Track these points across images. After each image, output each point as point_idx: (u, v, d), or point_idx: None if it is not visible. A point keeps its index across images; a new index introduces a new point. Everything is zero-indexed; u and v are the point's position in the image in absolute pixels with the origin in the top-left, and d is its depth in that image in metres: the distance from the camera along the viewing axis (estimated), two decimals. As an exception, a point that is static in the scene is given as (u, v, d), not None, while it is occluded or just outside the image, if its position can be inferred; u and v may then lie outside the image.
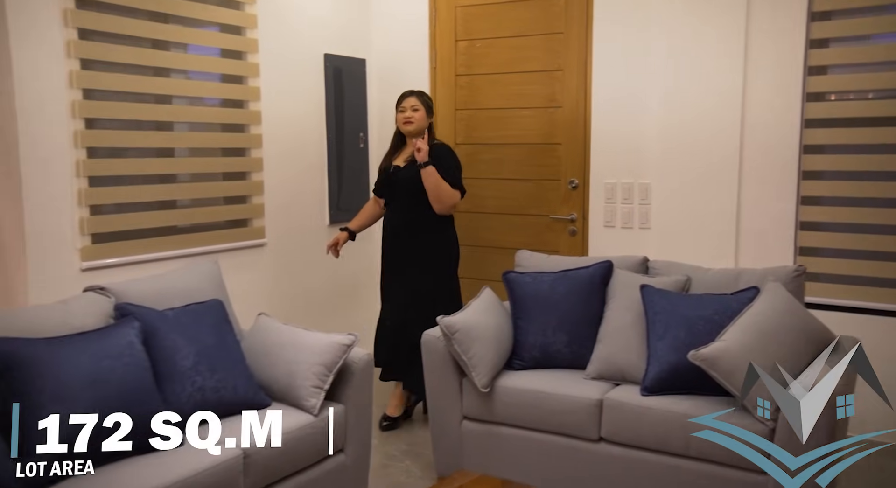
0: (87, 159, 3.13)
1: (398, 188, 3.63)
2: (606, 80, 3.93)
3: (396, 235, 3.68)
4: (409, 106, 3.62)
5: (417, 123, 3.61)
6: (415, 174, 3.53)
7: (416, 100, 3.63)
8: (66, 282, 3.03)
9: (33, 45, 2.90)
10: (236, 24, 3.76)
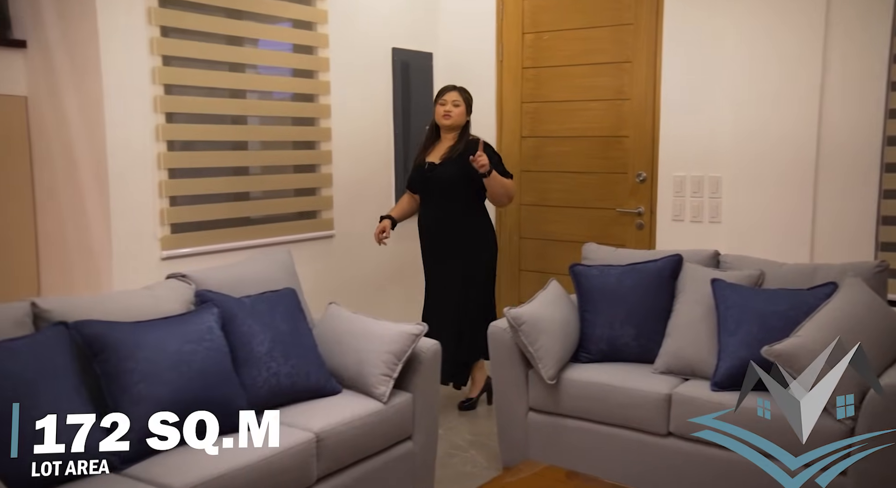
0: (168, 152, 3.25)
1: (433, 185, 3.61)
2: (677, 72, 3.86)
3: (432, 233, 3.67)
4: (450, 100, 3.59)
5: (455, 119, 3.59)
6: (451, 172, 3.53)
7: (457, 95, 3.61)
8: (147, 270, 3.16)
9: (120, 43, 3.03)
10: (308, 20, 3.84)
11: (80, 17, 2.98)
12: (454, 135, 3.64)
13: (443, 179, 3.57)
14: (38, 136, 3.18)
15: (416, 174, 3.69)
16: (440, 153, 3.62)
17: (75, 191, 3.12)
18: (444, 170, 3.56)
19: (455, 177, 3.53)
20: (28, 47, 3.13)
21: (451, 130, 3.62)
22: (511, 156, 4.47)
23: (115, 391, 2.14)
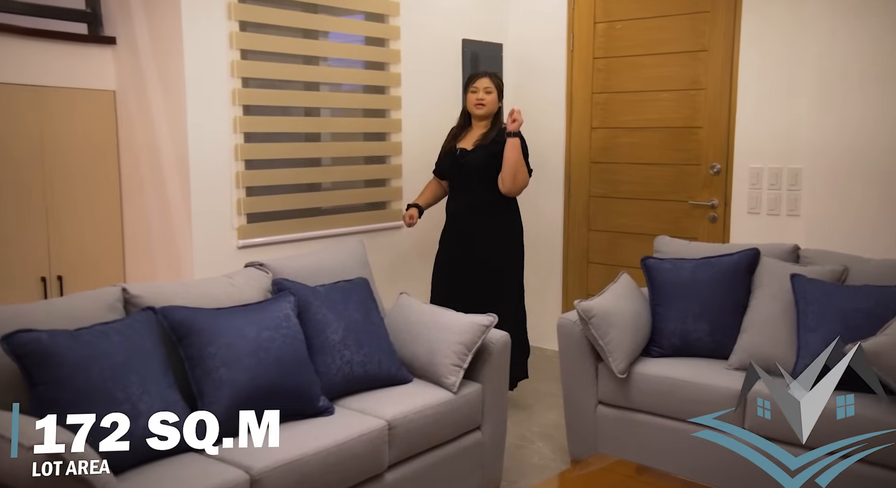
0: (244, 144, 3.34)
1: (465, 172, 3.50)
2: (756, 61, 3.75)
3: (461, 220, 3.55)
4: (482, 87, 3.47)
5: (489, 107, 3.49)
6: (484, 158, 3.46)
7: (489, 81, 3.49)
8: (224, 258, 3.26)
9: (202, 38, 3.13)
10: (380, 12, 3.88)
11: (166, 14, 3.08)
12: (487, 123, 3.54)
13: (475, 166, 3.46)
14: (124, 129, 3.31)
15: (446, 160, 3.57)
16: (472, 139, 3.52)
17: (158, 181, 3.24)
18: (477, 157, 3.46)
19: (487, 163, 3.44)
20: (117, 44, 3.26)
21: (483, 118, 3.53)
22: (581, 147, 4.43)
23: (198, 375, 2.23)
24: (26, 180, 3.03)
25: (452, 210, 3.60)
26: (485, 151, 3.47)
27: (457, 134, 3.58)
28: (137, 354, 2.07)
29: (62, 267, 3.15)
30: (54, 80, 3.09)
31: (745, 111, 3.82)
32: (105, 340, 2.03)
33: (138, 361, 2.06)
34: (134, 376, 2.02)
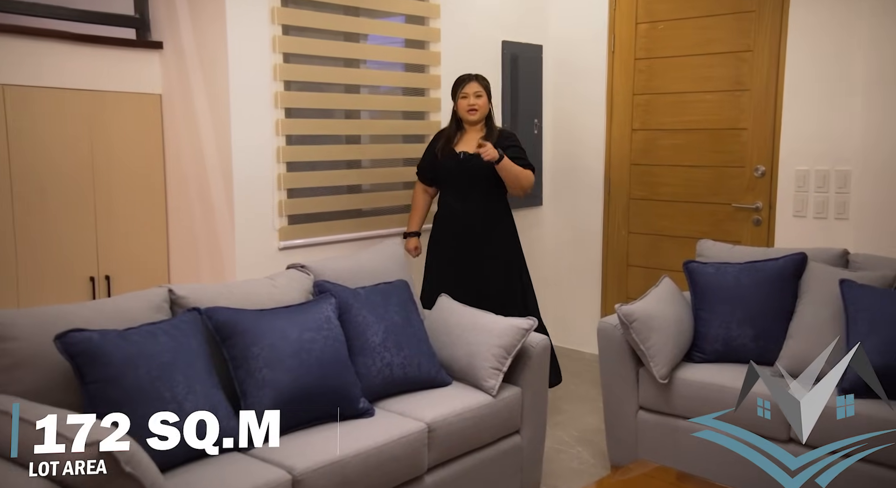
0: (286, 146, 3.38)
1: (471, 175, 3.39)
2: (803, 61, 3.67)
3: (472, 221, 3.42)
4: (471, 92, 3.38)
5: (482, 110, 3.40)
6: (486, 164, 3.35)
7: (478, 85, 3.40)
8: (266, 260, 3.30)
9: (246, 42, 3.16)
10: (421, 15, 3.89)
11: (212, 19, 3.13)
12: (481, 125, 3.46)
13: (480, 169, 3.37)
14: (170, 132, 3.37)
15: (447, 164, 3.43)
16: (473, 143, 3.39)
17: (202, 183, 3.30)
18: (481, 161, 3.33)
19: (492, 168, 3.36)
20: (164, 48, 3.32)
21: (477, 122, 3.44)
22: (621, 149, 4.39)
23: (242, 375, 2.26)
24: (76, 182, 3.11)
25: (458, 212, 3.44)
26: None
27: (451, 138, 3.47)
28: (183, 354, 2.11)
29: (110, 267, 3.22)
30: (103, 84, 3.17)
31: (791, 112, 3.74)
32: (152, 340, 2.07)
33: (184, 361, 2.10)
34: (180, 376, 2.05)
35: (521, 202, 4.50)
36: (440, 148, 3.46)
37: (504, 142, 3.40)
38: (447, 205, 3.50)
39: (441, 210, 3.53)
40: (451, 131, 3.48)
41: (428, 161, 3.53)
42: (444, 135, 3.50)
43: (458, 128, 3.48)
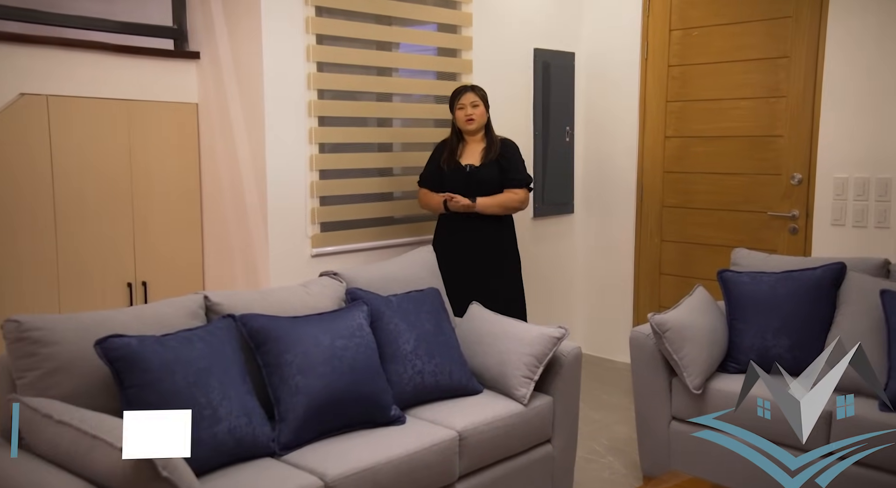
0: (319, 154, 3.41)
1: (477, 187, 3.41)
2: (842, 67, 3.62)
3: (475, 238, 3.44)
4: (468, 102, 3.41)
5: (479, 120, 3.42)
6: (494, 174, 3.40)
7: (474, 95, 3.42)
8: (298, 267, 3.33)
9: (281, 52, 3.21)
10: (453, 23, 3.91)
11: (248, 29, 3.18)
12: (481, 136, 3.49)
13: (487, 182, 3.41)
14: (206, 140, 3.43)
15: (452, 176, 3.45)
16: (476, 155, 3.45)
17: (237, 190, 3.34)
18: (488, 173, 3.39)
19: (498, 179, 3.41)
20: (201, 58, 3.39)
21: (476, 132, 3.47)
22: (654, 157, 4.36)
23: (275, 381, 2.28)
24: (115, 190, 3.17)
25: (463, 224, 3.45)
26: (495, 166, 3.43)
27: (454, 150, 3.49)
28: (218, 360, 2.14)
29: (147, 273, 3.28)
30: (142, 93, 3.23)
31: (829, 119, 3.68)
32: (189, 346, 2.10)
33: (219, 367, 2.12)
34: (215, 382, 2.08)
35: (551, 209, 4.50)
36: (445, 159, 3.48)
37: (502, 155, 3.44)
38: (452, 217, 3.48)
39: (445, 221, 3.53)
40: (454, 143, 3.50)
41: (432, 171, 3.53)
42: (448, 146, 3.51)
43: (459, 139, 3.51)
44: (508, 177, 3.45)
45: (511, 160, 3.46)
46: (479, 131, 3.48)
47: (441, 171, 3.48)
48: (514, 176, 3.46)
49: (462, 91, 3.46)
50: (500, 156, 3.44)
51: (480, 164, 3.44)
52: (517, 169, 3.48)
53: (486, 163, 3.44)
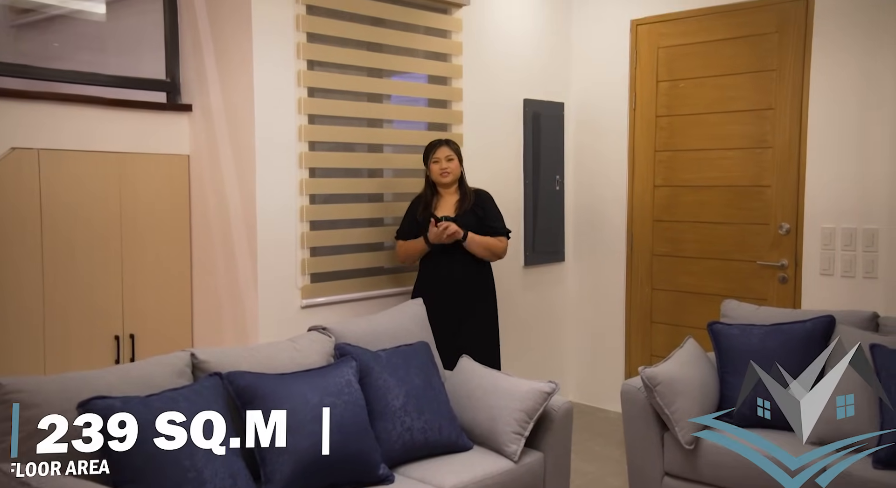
0: (310, 205, 3.42)
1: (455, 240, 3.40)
2: (826, 119, 3.68)
3: (453, 289, 3.43)
4: (443, 157, 3.45)
5: (454, 173, 3.46)
6: (472, 223, 3.42)
7: (449, 149, 3.46)
8: (289, 319, 3.31)
9: (272, 103, 3.23)
10: (443, 75, 3.96)
11: (240, 81, 3.22)
12: (455, 188, 3.52)
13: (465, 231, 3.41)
14: (196, 192, 3.44)
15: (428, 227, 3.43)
16: (451, 207, 3.48)
17: (227, 242, 3.34)
18: (465, 222, 3.40)
19: (475, 228, 3.43)
20: (193, 111, 3.41)
21: (450, 185, 3.50)
22: (643, 205, 4.39)
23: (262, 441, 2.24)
24: (105, 242, 3.16)
25: (441, 274, 3.45)
26: (471, 216, 3.45)
27: (429, 203, 3.52)
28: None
29: (135, 325, 3.26)
30: (134, 146, 3.25)
31: (815, 169, 3.73)
32: (174, 407, 2.07)
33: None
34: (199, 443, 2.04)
35: (542, 258, 4.51)
36: (420, 212, 3.50)
37: (477, 205, 3.45)
38: (429, 268, 3.50)
39: (423, 272, 3.54)
40: (428, 196, 3.53)
41: (409, 223, 3.55)
42: (423, 200, 3.54)
43: (433, 192, 3.54)
44: (487, 225, 3.47)
45: (487, 209, 3.50)
46: (454, 184, 3.52)
47: (416, 225, 3.50)
48: (492, 223, 3.49)
49: (436, 145, 3.49)
50: (475, 206, 3.47)
51: (455, 215, 3.45)
52: (495, 217, 3.52)
53: (461, 214, 3.46)
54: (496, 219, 3.52)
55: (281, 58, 3.25)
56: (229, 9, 3.23)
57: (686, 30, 4.16)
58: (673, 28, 4.21)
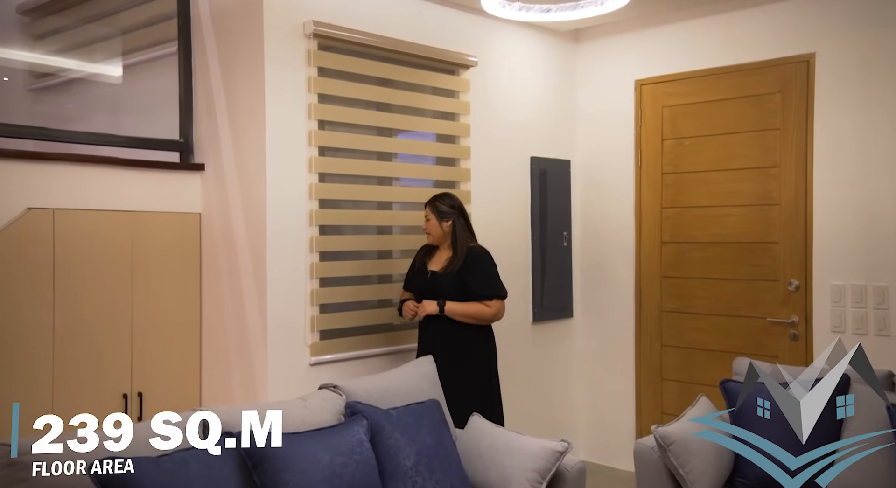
0: (320, 262, 3.44)
1: (438, 294, 3.41)
2: (831, 176, 3.72)
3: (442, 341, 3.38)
4: (424, 215, 3.51)
5: (433, 233, 3.47)
6: (453, 283, 3.38)
7: (427, 209, 3.49)
8: (298, 376, 3.29)
9: (284, 162, 3.28)
10: (451, 134, 4.03)
11: (252, 140, 3.28)
12: (448, 244, 3.48)
13: (446, 290, 3.40)
14: (207, 249, 3.46)
15: (416, 279, 3.53)
16: (441, 262, 3.48)
17: (236, 299, 3.34)
18: (445, 281, 3.39)
19: (456, 289, 3.39)
20: (205, 169, 3.47)
21: (439, 243, 3.51)
22: (651, 261, 4.40)
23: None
24: (116, 299, 3.17)
25: (432, 326, 3.43)
26: (454, 278, 3.39)
27: (427, 254, 3.56)
28: (215, 483, 2.08)
29: (143, 383, 3.24)
30: (146, 205, 3.29)
31: (822, 227, 3.75)
32: (185, 468, 2.05)
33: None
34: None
35: (550, 314, 4.50)
36: (416, 261, 3.57)
37: (466, 267, 3.40)
38: (422, 325, 3.49)
39: (420, 324, 3.52)
40: (426, 249, 3.58)
41: (410, 272, 3.61)
42: (424, 250, 3.59)
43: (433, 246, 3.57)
44: (472, 291, 3.41)
45: (474, 273, 3.41)
46: (442, 242, 3.50)
47: (412, 273, 3.56)
48: (477, 291, 3.40)
49: (425, 205, 3.54)
50: (464, 267, 3.41)
51: (441, 272, 3.42)
52: (480, 282, 3.41)
53: (448, 273, 3.41)
54: (480, 282, 3.41)
55: (292, 118, 3.31)
56: (243, 71, 3.32)
57: (690, 89, 4.25)
58: (677, 88, 4.30)
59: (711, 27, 4.14)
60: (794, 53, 3.85)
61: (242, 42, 3.32)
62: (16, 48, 4.03)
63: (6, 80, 3.95)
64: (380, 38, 3.61)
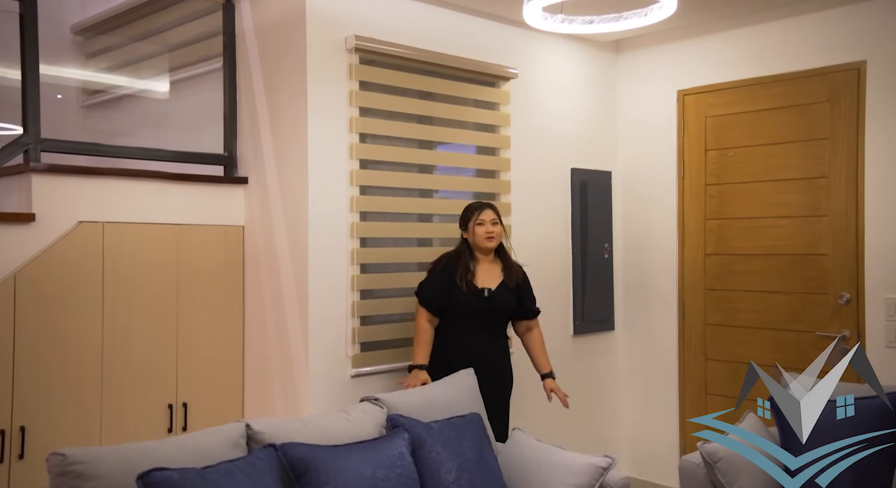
0: (360, 274, 3.45)
1: (496, 315, 3.30)
2: (883, 187, 3.61)
3: (487, 355, 3.28)
4: (488, 219, 3.27)
5: (498, 238, 3.29)
6: (510, 300, 3.31)
7: (493, 213, 3.30)
8: (338, 389, 3.31)
9: (325, 175, 3.31)
10: (491, 146, 4.02)
11: (295, 154, 3.32)
12: (493, 256, 3.37)
13: (504, 308, 3.30)
14: (250, 261, 3.51)
15: (468, 299, 3.24)
16: (492, 278, 3.31)
17: (279, 312, 3.38)
18: (504, 299, 3.29)
19: (511, 307, 3.33)
20: (249, 183, 3.52)
21: (490, 251, 3.35)
22: (695, 274, 4.33)
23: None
24: (162, 310, 3.23)
25: (471, 347, 3.26)
26: (511, 294, 3.33)
27: (468, 267, 3.28)
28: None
29: (188, 394, 3.28)
30: (192, 218, 3.35)
31: (874, 239, 3.64)
32: (229, 479, 2.06)
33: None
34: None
35: (591, 327, 4.45)
36: (461, 277, 3.25)
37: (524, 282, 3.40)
38: (455, 339, 3.27)
39: (445, 343, 3.28)
40: (467, 260, 3.29)
41: (440, 291, 3.26)
42: (461, 264, 3.28)
43: (469, 257, 3.32)
44: (525, 306, 3.38)
45: (524, 288, 3.40)
46: (493, 250, 3.38)
47: (452, 291, 3.25)
48: (530, 306, 3.40)
49: (481, 207, 3.32)
50: (523, 283, 3.37)
51: (501, 289, 3.31)
52: (531, 297, 3.43)
53: (505, 291, 3.31)
54: (533, 299, 3.41)
55: (334, 131, 3.35)
56: (286, 86, 3.36)
57: (733, 99, 4.18)
58: (720, 98, 4.23)
59: (755, 37, 4.07)
60: (844, 61, 3.76)
61: (285, 57, 3.36)
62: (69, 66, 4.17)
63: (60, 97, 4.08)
64: (420, 52, 3.63)
